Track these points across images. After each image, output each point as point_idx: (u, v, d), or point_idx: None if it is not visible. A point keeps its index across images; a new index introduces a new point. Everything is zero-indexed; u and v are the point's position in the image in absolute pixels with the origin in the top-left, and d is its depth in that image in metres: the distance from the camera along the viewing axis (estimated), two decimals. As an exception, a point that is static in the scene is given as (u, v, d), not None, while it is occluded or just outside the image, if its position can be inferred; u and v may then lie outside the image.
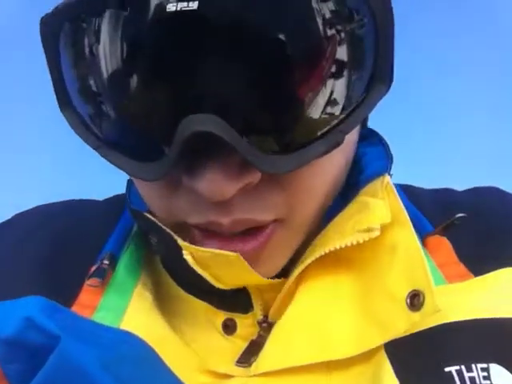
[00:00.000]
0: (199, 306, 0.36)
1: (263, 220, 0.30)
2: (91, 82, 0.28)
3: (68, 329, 0.29)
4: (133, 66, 0.27)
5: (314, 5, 0.25)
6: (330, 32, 0.26)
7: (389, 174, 0.35)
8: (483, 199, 0.40)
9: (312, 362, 0.31)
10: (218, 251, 0.30)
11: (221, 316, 0.36)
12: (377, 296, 0.32)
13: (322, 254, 0.32)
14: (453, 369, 0.29)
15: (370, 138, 0.39)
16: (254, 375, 0.32)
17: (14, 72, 0.98)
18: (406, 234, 0.32)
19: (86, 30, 0.27)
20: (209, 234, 0.31)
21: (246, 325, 0.35)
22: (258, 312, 0.35)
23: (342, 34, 0.26)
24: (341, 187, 0.35)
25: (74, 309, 0.34)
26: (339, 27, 0.26)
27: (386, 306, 0.31)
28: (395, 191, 0.33)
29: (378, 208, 0.32)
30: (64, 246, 0.39)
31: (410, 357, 0.30)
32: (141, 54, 0.26)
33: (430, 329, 0.31)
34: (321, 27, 0.26)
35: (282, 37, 0.25)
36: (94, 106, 0.29)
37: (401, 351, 0.30)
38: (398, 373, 0.29)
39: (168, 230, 0.32)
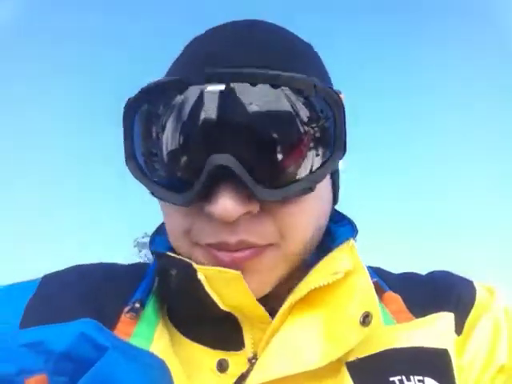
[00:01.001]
0: (196, 348, 0.46)
1: (260, 243, 0.43)
2: (151, 146, 0.44)
3: (115, 344, 0.38)
4: (183, 134, 0.41)
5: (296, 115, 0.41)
6: (305, 128, 0.41)
7: (354, 240, 0.48)
8: (435, 276, 0.54)
9: (287, 375, 0.40)
10: (224, 269, 0.42)
11: (215, 357, 0.45)
12: (340, 322, 0.43)
13: (303, 295, 0.43)
14: (396, 378, 0.41)
15: (340, 221, 0.53)
16: None
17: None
18: (362, 278, 0.44)
19: (152, 110, 0.43)
20: (219, 249, 0.43)
21: (238, 363, 0.44)
22: (249, 349, 0.44)
23: (313, 130, 0.42)
24: (320, 237, 0.47)
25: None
26: (311, 126, 0.42)
27: (345, 326, 0.42)
28: (356, 251, 0.46)
29: (343, 258, 0.45)
30: (98, 293, 0.49)
31: (365, 371, 0.42)
32: (190, 129, 0.41)
33: (381, 352, 0.43)
34: (300, 127, 0.41)
35: (274, 127, 0.41)
36: (152, 162, 0.43)
37: (358, 368, 0.42)
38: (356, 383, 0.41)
39: (186, 260, 0.44)
